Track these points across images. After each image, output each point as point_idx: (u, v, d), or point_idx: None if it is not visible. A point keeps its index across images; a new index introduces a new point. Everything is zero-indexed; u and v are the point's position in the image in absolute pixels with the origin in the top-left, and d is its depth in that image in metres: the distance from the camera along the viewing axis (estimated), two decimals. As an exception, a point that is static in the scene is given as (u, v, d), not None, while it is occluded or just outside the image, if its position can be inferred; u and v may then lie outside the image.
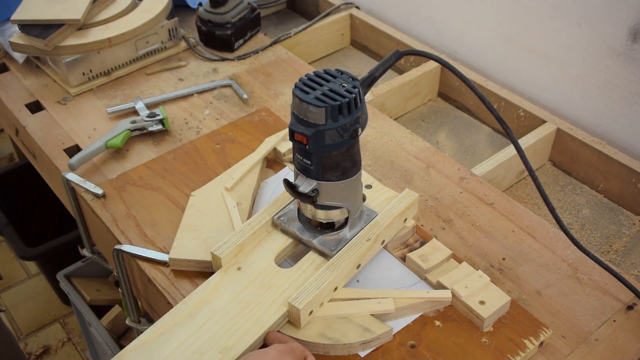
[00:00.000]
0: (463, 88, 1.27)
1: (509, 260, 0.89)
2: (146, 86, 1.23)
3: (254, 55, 1.31)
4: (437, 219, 0.95)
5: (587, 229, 1.03)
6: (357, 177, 0.80)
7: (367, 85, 0.79)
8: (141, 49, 1.26)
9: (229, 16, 1.29)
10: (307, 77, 0.74)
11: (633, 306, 0.83)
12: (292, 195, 0.79)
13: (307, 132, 0.72)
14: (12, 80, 1.27)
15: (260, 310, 0.76)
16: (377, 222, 0.84)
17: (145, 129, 1.10)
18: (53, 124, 1.15)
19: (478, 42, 1.28)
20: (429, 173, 1.03)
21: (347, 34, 1.47)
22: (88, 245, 1.13)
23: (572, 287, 0.85)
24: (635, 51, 1.02)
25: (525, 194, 1.10)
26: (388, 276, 0.85)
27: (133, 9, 1.27)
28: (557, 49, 1.14)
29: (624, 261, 0.97)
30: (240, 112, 1.16)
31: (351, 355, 0.76)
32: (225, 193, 0.94)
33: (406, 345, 0.77)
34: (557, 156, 1.15)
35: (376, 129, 1.11)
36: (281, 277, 0.80)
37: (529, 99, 1.21)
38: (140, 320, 1.09)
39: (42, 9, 1.19)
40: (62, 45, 1.17)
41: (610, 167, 1.06)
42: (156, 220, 0.95)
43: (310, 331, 0.76)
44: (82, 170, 1.04)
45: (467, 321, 0.79)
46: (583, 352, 0.78)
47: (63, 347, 1.79)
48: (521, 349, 0.76)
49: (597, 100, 1.11)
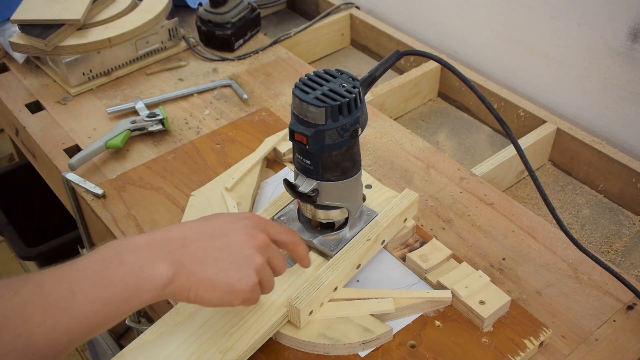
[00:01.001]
0: (463, 88, 1.27)
1: (509, 260, 0.89)
2: (146, 86, 1.23)
3: (254, 55, 1.31)
4: (437, 219, 0.95)
5: (587, 229, 1.03)
6: (357, 177, 0.80)
7: (367, 85, 0.79)
8: (141, 49, 1.26)
9: (229, 16, 1.29)
10: (307, 77, 0.74)
11: (633, 306, 0.83)
12: (292, 195, 0.79)
13: (307, 132, 0.72)
14: (12, 80, 1.27)
15: (260, 310, 0.76)
16: (377, 222, 0.84)
17: (145, 129, 1.10)
18: (53, 124, 1.15)
19: (478, 42, 1.28)
20: (429, 173, 1.03)
21: (347, 34, 1.47)
22: (88, 245, 1.13)
23: (572, 287, 0.85)
24: (635, 51, 1.02)
25: (525, 194, 1.10)
26: (388, 276, 0.85)
27: (133, 9, 1.27)
28: (557, 49, 1.14)
29: (624, 261, 0.97)
30: (240, 112, 1.16)
31: (351, 355, 0.76)
32: (225, 193, 0.94)
33: (406, 345, 0.77)
34: (557, 156, 1.15)
35: (376, 129, 1.11)
36: (281, 277, 0.80)
37: (529, 99, 1.21)
38: (140, 320, 1.09)
39: (42, 9, 1.19)
40: (62, 45, 1.17)
41: (610, 167, 1.06)
42: (156, 220, 0.95)
43: (310, 331, 0.76)
44: (82, 170, 1.04)
45: (467, 321, 0.79)
46: (583, 352, 0.78)
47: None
48: (521, 349, 0.76)
49: (597, 100, 1.11)
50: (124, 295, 0.60)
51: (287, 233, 0.74)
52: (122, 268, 0.61)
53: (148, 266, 0.61)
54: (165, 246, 0.64)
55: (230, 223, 0.69)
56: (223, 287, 0.65)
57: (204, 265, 0.64)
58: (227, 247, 0.66)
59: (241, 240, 0.67)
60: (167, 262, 0.62)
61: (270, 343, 0.77)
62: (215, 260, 0.65)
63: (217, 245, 0.66)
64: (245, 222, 0.69)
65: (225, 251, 0.66)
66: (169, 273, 0.62)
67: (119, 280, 0.60)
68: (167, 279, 0.62)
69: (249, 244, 0.67)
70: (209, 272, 0.64)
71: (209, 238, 0.66)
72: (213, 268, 0.65)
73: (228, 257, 0.66)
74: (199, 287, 0.64)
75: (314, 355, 0.76)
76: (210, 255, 0.65)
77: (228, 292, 0.65)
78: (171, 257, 0.63)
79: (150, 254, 0.62)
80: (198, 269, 0.64)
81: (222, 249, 0.66)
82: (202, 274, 0.64)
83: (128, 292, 0.60)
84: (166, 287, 0.62)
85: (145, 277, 0.61)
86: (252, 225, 0.69)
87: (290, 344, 0.77)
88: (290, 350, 0.76)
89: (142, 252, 0.62)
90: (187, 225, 0.68)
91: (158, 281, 0.62)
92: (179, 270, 0.63)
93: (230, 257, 0.66)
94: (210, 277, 0.64)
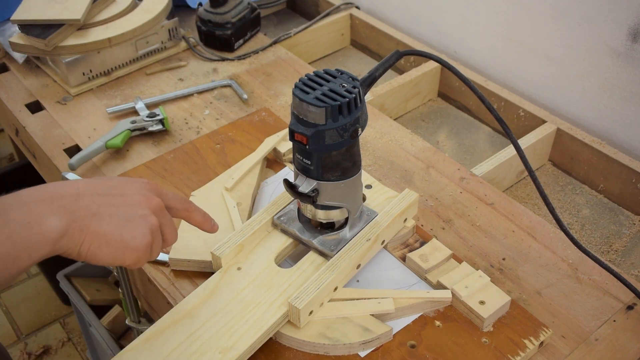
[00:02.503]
0: (463, 88, 1.27)
1: (509, 260, 0.89)
2: (146, 86, 1.23)
3: (254, 55, 1.31)
4: (437, 219, 0.95)
5: (587, 229, 1.03)
6: (357, 177, 0.80)
7: (367, 85, 0.79)
8: (141, 49, 1.26)
9: (229, 16, 1.29)
10: (307, 77, 0.74)
11: (633, 306, 0.83)
12: (292, 195, 0.79)
13: (307, 132, 0.72)
14: (12, 80, 1.27)
15: (260, 310, 0.76)
16: (377, 222, 0.84)
17: (145, 129, 1.10)
18: (53, 124, 1.15)
19: (478, 42, 1.28)
20: (429, 173, 1.03)
21: (347, 34, 1.47)
22: (88, 245, 1.12)
23: (572, 287, 0.85)
24: (635, 51, 1.02)
25: (525, 194, 1.10)
26: (388, 276, 0.85)
27: (133, 9, 1.27)
28: (557, 49, 1.14)
29: (624, 261, 0.97)
30: (240, 112, 1.16)
31: (351, 355, 0.76)
32: (225, 193, 0.94)
33: (406, 345, 0.77)
34: (557, 156, 1.15)
35: (376, 129, 1.11)
36: (281, 277, 0.80)
37: (529, 99, 1.21)
38: (140, 320, 1.09)
39: (42, 9, 1.19)
40: (62, 45, 1.17)
41: (610, 167, 1.06)
42: (156, 220, 0.95)
43: (310, 331, 0.76)
44: (82, 170, 1.04)
45: (467, 321, 0.79)
46: (583, 352, 0.78)
47: (63, 347, 1.79)
48: (521, 349, 0.76)
49: (597, 100, 1.11)
50: (12, 254, 0.57)
51: (180, 200, 0.73)
52: (8, 227, 0.57)
53: (36, 222, 0.58)
54: (56, 200, 0.61)
55: (127, 183, 0.67)
56: (117, 244, 0.63)
57: (98, 220, 0.62)
58: (122, 205, 0.64)
59: (137, 200, 0.66)
60: (58, 216, 0.60)
61: (270, 343, 0.77)
62: (110, 216, 0.63)
63: (113, 202, 0.64)
64: (141, 184, 0.68)
65: (120, 208, 0.64)
66: (59, 227, 0.59)
67: (4, 238, 0.57)
68: (57, 233, 0.59)
69: (144, 204, 0.66)
70: (104, 227, 0.62)
71: (104, 194, 0.64)
72: (108, 224, 0.62)
73: (123, 214, 0.64)
74: (92, 241, 0.62)
75: (314, 355, 0.76)
76: (105, 210, 0.63)
77: (122, 249, 0.63)
78: (62, 210, 0.60)
79: (40, 209, 0.59)
80: (92, 223, 0.62)
81: (117, 205, 0.64)
82: (96, 228, 0.62)
83: (16, 250, 0.57)
84: (57, 242, 0.59)
85: (34, 233, 0.58)
86: (148, 188, 0.68)
87: (290, 344, 0.77)
88: (290, 350, 0.77)
89: (30, 207, 0.59)
90: (81, 181, 0.66)
91: (48, 236, 0.59)
92: (70, 224, 0.60)
93: (126, 214, 0.64)
94: (105, 232, 0.62)
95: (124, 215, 0.64)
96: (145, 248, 0.65)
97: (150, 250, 0.66)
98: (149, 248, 0.66)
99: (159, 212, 0.68)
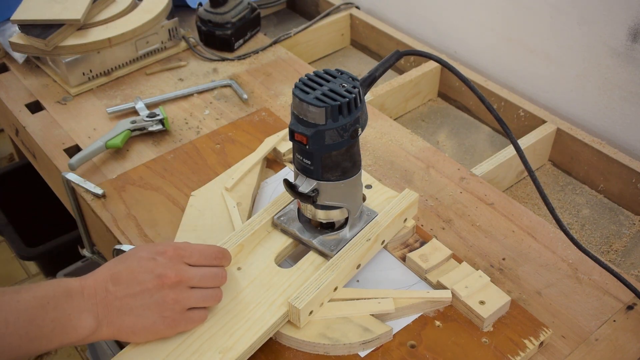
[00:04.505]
0: (463, 88, 1.27)
1: (509, 260, 0.89)
2: (146, 86, 1.23)
3: (254, 55, 1.31)
4: (437, 219, 0.95)
5: (587, 229, 1.03)
6: (357, 177, 0.80)
7: (367, 85, 0.79)
8: (141, 49, 1.26)
9: (229, 16, 1.29)
10: (307, 77, 0.74)
11: (633, 306, 0.83)
12: (292, 195, 0.79)
13: (307, 132, 0.72)
14: (12, 80, 1.27)
15: (260, 310, 0.76)
16: (377, 222, 0.84)
17: (145, 129, 1.10)
18: (53, 124, 1.15)
19: (478, 42, 1.28)
20: (429, 173, 1.03)
21: (347, 34, 1.47)
22: (88, 245, 1.13)
23: (572, 287, 0.85)
24: (635, 51, 1.02)
25: (525, 194, 1.10)
26: (388, 276, 0.85)
27: (133, 9, 1.27)
28: (557, 49, 1.14)
29: (624, 261, 0.97)
30: (240, 112, 1.16)
31: (351, 355, 0.76)
32: (225, 193, 0.94)
33: (406, 345, 0.77)
34: (557, 156, 1.15)
35: (376, 129, 1.11)
36: (281, 277, 0.80)
37: (529, 99, 1.21)
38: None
39: (42, 9, 1.19)
40: (62, 45, 1.17)
41: (610, 167, 1.06)
42: (156, 220, 0.95)
43: (310, 331, 0.76)
44: (82, 170, 1.04)
45: (467, 321, 0.79)
46: (583, 352, 0.78)
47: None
48: (521, 349, 0.76)
49: (597, 100, 1.11)
50: (50, 336, 0.67)
51: (203, 255, 0.76)
52: (55, 312, 0.67)
53: (75, 315, 0.68)
54: (92, 297, 0.70)
55: (141, 266, 0.72)
56: (142, 332, 0.71)
57: (122, 315, 0.70)
58: (139, 294, 0.71)
59: (153, 285, 0.71)
60: (93, 314, 0.69)
61: (270, 343, 0.77)
62: (131, 309, 0.70)
63: (130, 293, 0.71)
64: (156, 262, 0.73)
65: (138, 299, 0.71)
66: (91, 326, 0.69)
67: (49, 321, 0.66)
68: (89, 331, 0.69)
69: (159, 287, 0.71)
70: (127, 321, 0.70)
71: (125, 287, 0.71)
72: (129, 316, 0.70)
73: (141, 304, 0.71)
74: (121, 334, 0.71)
75: (314, 355, 0.76)
76: (125, 304, 0.70)
77: (148, 334, 0.71)
78: (95, 309, 0.69)
79: (80, 303, 0.69)
80: (117, 319, 0.70)
81: (134, 295, 0.71)
82: (121, 324, 0.70)
83: (54, 334, 0.67)
84: (87, 338, 0.69)
85: (72, 325, 0.68)
86: (163, 264, 0.73)
87: (290, 344, 0.77)
88: (290, 350, 0.76)
89: (74, 300, 0.69)
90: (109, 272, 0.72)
91: (81, 332, 0.68)
92: (101, 323, 0.69)
93: (143, 304, 0.71)
94: (128, 326, 0.70)
95: (141, 305, 0.71)
96: (168, 326, 0.71)
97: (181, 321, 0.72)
98: (174, 323, 0.72)
99: (176, 287, 0.72)
